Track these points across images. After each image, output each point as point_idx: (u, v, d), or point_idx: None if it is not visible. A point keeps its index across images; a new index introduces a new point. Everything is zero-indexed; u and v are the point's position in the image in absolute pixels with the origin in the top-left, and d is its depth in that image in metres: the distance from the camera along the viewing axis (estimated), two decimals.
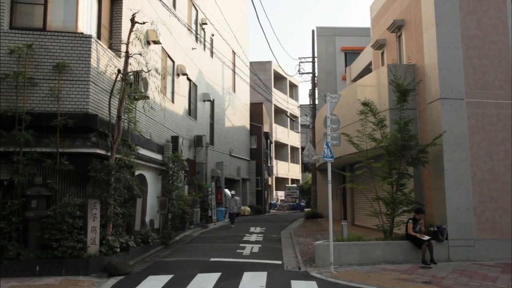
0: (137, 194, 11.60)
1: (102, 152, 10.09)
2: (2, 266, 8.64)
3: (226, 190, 26.26)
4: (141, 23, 11.42)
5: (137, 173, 12.55)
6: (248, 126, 33.48)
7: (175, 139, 16.53)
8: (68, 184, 9.93)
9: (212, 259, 11.00)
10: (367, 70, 19.36)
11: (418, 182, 12.15)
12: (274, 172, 43.13)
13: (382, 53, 16.52)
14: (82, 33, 10.34)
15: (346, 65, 25.88)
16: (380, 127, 11.44)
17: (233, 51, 27.81)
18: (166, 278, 8.78)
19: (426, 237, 10.08)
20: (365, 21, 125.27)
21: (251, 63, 34.91)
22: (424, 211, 10.79)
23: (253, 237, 15.77)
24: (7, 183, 9.20)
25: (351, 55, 26.51)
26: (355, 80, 20.66)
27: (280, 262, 10.71)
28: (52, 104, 9.76)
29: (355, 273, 9.22)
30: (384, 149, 11.34)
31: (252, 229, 18.77)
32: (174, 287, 8.16)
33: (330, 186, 10.14)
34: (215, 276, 8.88)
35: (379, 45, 16.24)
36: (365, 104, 11.59)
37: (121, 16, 12.13)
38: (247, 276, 8.90)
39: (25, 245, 9.05)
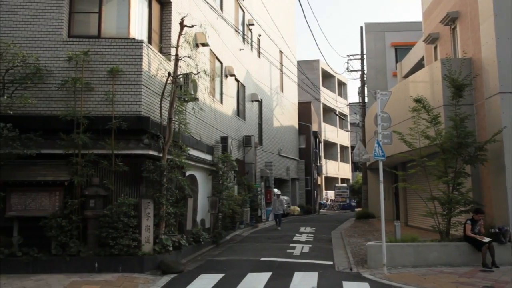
0: (188, 194, 11.84)
1: (154, 153, 10.39)
2: (64, 262, 9.11)
3: (276, 190, 26.26)
4: (189, 26, 11.66)
5: (188, 173, 12.81)
6: (296, 126, 33.32)
7: (224, 140, 16.73)
8: (123, 184, 10.30)
9: (262, 259, 11.03)
10: (419, 65, 18.73)
11: (477, 181, 11.60)
12: (324, 171, 42.67)
13: (435, 47, 15.93)
14: (133, 38, 10.69)
15: (396, 61, 25.18)
16: (434, 124, 11.02)
17: (280, 50, 27.78)
18: (217, 276, 8.90)
19: (487, 239, 9.58)
20: (416, 15, 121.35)
21: (298, 62, 34.73)
22: (484, 212, 10.26)
23: (303, 237, 15.67)
24: (68, 183, 9.67)
25: (401, 50, 25.75)
26: (406, 76, 20.04)
27: (331, 263, 10.58)
28: (107, 107, 10.16)
29: (410, 275, 8.93)
30: (438, 147, 10.91)
31: (302, 229, 18.66)
32: (225, 285, 8.25)
33: (382, 185, 9.89)
34: (265, 276, 8.89)
35: (432, 39, 15.66)
36: (417, 100, 11.21)
37: (170, 20, 12.43)
38: (297, 276, 8.85)
39: (84, 243, 9.49)
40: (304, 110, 34.27)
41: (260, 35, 23.93)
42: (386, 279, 8.56)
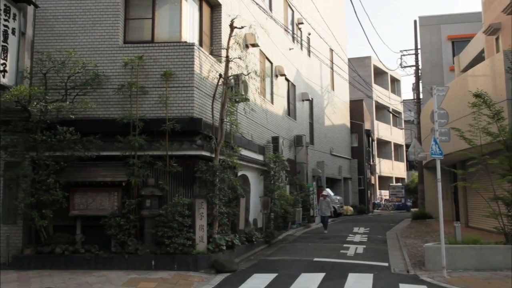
0: (240, 194, 11.95)
1: (207, 154, 10.56)
2: (123, 259, 9.48)
3: (328, 190, 25.95)
4: (239, 28, 11.76)
5: (240, 173, 12.92)
6: (348, 124, 32.76)
7: (275, 140, 16.73)
8: (177, 184, 10.55)
9: (315, 259, 10.93)
10: (478, 58, 17.84)
11: None
12: (377, 170, 41.65)
13: (497, 39, 15.11)
14: (185, 41, 10.93)
15: (453, 55, 24.12)
16: (497, 120, 10.43)
17: (330, 48, 27.42)
18: (270, 276, 8.91)
19: None
20: (474, 5, 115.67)
21: (349, 59, 34.11)
22: None
23: (357, 238, 15.37)
24: (125, 184, 10.04)
25: (459, 43, 24.65)
26: (464, 70, 19.16)
27: (386, 264, 10.29)
28: (161, 110, 10.45)
29: (472, 279, 8.50)
30: (502, 144, 10.31)
31: (355, 229, 18.32)
32: (279, 285, 8.24)
33: (439, 184, 9.49)
34: (319, 276, 8.80)
35: (493, 30, 14.86)
36: (477, 95, 10.65)
37: (220, 22, 12.60)
38: (352, 278, 8.68)
39: (141, 241, 9.82)
40: (356, 108, 33.62)
41: (309, 34, 23.73)
42: (446, 283, 8.20)
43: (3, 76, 9.81)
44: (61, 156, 9.87)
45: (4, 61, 9.81)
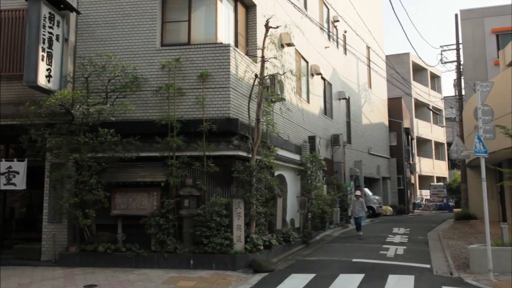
0: (277, 194, 11.93)
1: (244, 154, 10.61)
2: (162, 258, 9.66)
3: (366, 189, 25.54)
4: (274, 28, 11.74)
5: (276, 173, 12.90)
6: (386, 123, 32.11)
7: (312, 139, 16.62)
8: (215, 184, 10.65)
9: (354, 260, 10.77)
10: None
11: None
12: (417, 169, 40.60)
13: None
14: (221, 43, 11.02)
15: (498, 49, 23.13)
16: None
17: (367, 46, 26.95)
18: (309, 276, 8.85)
19: None
20: None
21: (387, 56, 33.42)
22: None
23: (397, 238, 15.04)
24: (164, 184, 10.23)
25: (504, 36, 23.63)
26: (510, 64, 18.36)
27: (428, 266, 10.01)
28: (198, 111, 10.58)
29: None
30: None
31: (395, 229, 17.92)
32: (317, 286, 8.17)
33: (484, 184, 9.14)
34: (358, 277, 8.67)
35: None
36: None
37: (256, 22, 12.63)
38: (392, 279, 8.51)
39: (180, 240, 9.98)
40: (394, 106, 32.90)
41: (345, 32, 23.42)
42: (492, 286, 7.90)
43: (48, 81, 10.22)
44: (103, 157, 10.18)
45: (49, 67, 10.22)
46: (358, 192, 17.70)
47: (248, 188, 10.54)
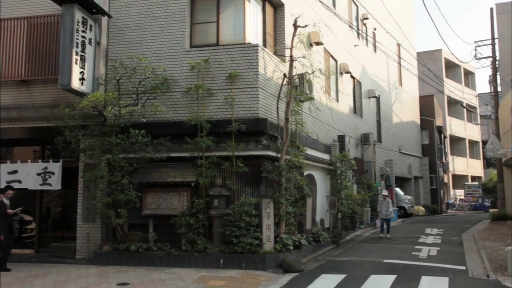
0: (307, 193, 11.87)
1: (273, 154, 10.59)
2: (193, 257, 9.76)
3: (397, 189, 25.09)
4: (303, 27, 11.69)
5: (306, 173, 12.84)
6: (418, 121, 31.44)
7: (341, 138, 16.46)
8: (244, 184, 10.68)
9: (385, 261, 10.60)
10: None
11: None
12: (450, 169, 39.56)
13: None
14: (249, 43, 11.04)
15: None
16: None
17: (397, 43, 26.46)
18: (339, 277, 8.76)
19: None
20: None
21: (418, 53, 32.70)
22: None
23: (430, 239, 14.71)
24: (194, 184, 10.34)
25: None
26: None
27: (463, 268, 9.74)
28: (227, 111, 10.64)
29: None
30: None
31: (427, 230, 17.53)
32: (347, 287, 8.08)
33: None
34: (389, 279, 8.52)
35: None
36: None
37: (284, 22, 12.59)
38: (425, 281, 8.32)
39: (210, 240, 10.05)
40: (426, 104, 32.18)
41: (375, 29, 23.06)
42: None
43: (82, 84, 10.50)
44: (134, 158, 10.37)
45: (82, 70, 10.49)
46: (385, 192, 16.84)
47: (278, 188, 10.53)
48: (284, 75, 11.27)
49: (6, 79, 11.72)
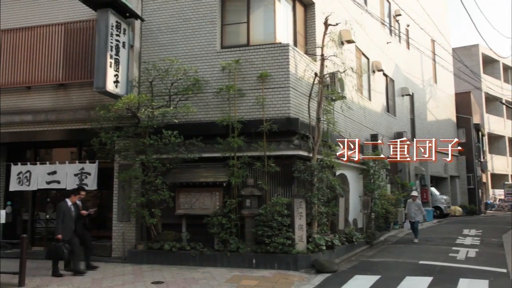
0: (339, 193, 11.74)
1: (304, 153, 10.53)
2: (225, 257, 9.82)
3: (433, 189, 24.48)
4: (334, 25, 11.57)
5: (338, 172, 12.70)
6: (454, 119, 30.59)
7: (374, 137, 16.21)
8: (276, 184, 10.67)
9: (421, 262, 10.36)
10: None
11: None
12: (489, 168, 38.29)
13: None
14: (280, 43, 11.02)
15: None
16: None
17: (432, 39, 25.81)
18: (373, 278, 8.63)
19: None
20: None
21: (453, 49, 31.81)
22: None
23: (468, 240, 14.28)
24: (226, 184, 10.40)
25: None
26: None
27: (504, 270, 9.40)
28: (258, 111, 10.65)
29: None
30: None
31: (465, 231, 17.02)
32: None
33: None
34: (426, 280, 8.33)
35: None
36: None
37: (314, 21, 12.50)
38: (463, 283, 8.09)
39: (242, 240, 10.08)
40: (462, 101, 31.26)
41: (408, 25, 22.58)
42: None
43: (116, 86, 10.74)
44: (167, 158, 10.52)
45: (116, 73, 10.74)
46: (414, 193, 15.54)
47: (310, 187, 10.46)
48: (315, 74, 11.19)
49: (44, 83, 12.14)
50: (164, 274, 9.08)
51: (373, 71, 17.44)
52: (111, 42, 10.59)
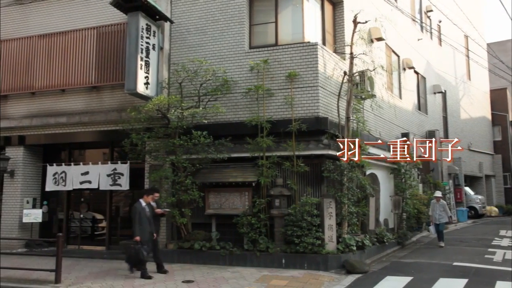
0: (369, 193, 11.59)
1: (334, 153, 10.43)
2: (255, 256, 9.84)
3: (467, 188, 23.83)
4: (363, 23, 11.42)
5: (368, 172, 12.53)
6: (489, 116, 29.68)
7: (405, 136, 15.89)
8: (305, 184, 10.62)
9: (455, 263, 10.10)
10: None
11: None
12: None
13: None
14: (308, 42, 10.96)
15: None
16: None
17: (465, 35, 25.12)
18: (405, 279, 8.47)
19: None
20: None
21: (488, 44, 30.86)
22: None
23: (505, 242, 13.82)
24: (255, 184, 10.42)
25: None
26: None
27: None
28: (286, 111, 10.63)
29: None
30: None
31: (502, 232, 16.48)
32: None
33: None
34: (460, 283, 8.11)
35: None
36: None
37: (343, 19, 12.35)
38: (501, 286, 7.83)
39: (272, 240, 10.08)
40: (498, 98, 30.28)
41: (440, 21, 22.05)
42: None
43: (146, 88, 10.92)
44: (196, 158, 10.62)
45: (147, 74, 10.92)
46: (438, 193, 14.34)
47: (339, 187, 10.36)
48: (344, 72, 11.08)
49: (78, 86, 12.47)
50: (195, 273, 9.18)
51: (404, 69, 17.13)
52: (142, 45, 10.77)
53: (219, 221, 10.84)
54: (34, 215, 12.53)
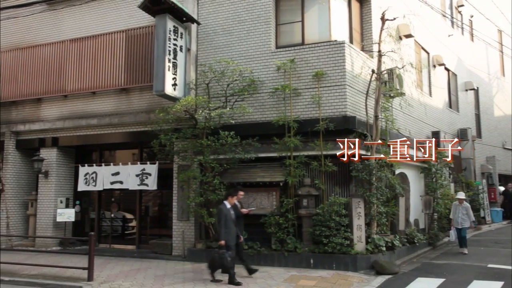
0: (399, 192, 11.38)
1: (362, 152, 10.30)
2: (283, 256, 9.82)
3: (501, 188, 23.10)
4: (391, 20, 11.23)
5: (397, 171, 12.32)
6: None
7: (436, 134, 15.55)
8: (333, 184, 10.53)
9: (490, 265, 9.82)
10: None
11: None
12: None
13: None
14: (335, 40, 10.85)
15: None
16: None
17: (498, 29, 24.37)
18: (437, 281, 8.29)
19: None
20: None
21: None
22: None
23: None
24: (282, 184, 10.39)
25: None
26: None
27: None
28: (314, 110, 10.56)
29: None
30: None
31: None
32: None
33: None
34: (495, 285, 7.90)
35: None
36: None
37: (371, 16, 12.17)
38: None
39: (300, 239, 10.04)
40: None
41: (472, 16, 21.46)
42: None
43: (174, 89, 11.05)
44: (224, 158, 10.68)
45: (174, 76, 11.05)
46: (461, 195, 12.83)
47: (368, 187, 10.23)
48: (372, 71, 10.92)
49: (108, 88, 12.73)
50: (223, 272, 9.21)
51: (434, 66, 16.75)
52: (169, 47, 10.91)
53: (247, 221, 10.80)
54: (68, 215, 12.88)
